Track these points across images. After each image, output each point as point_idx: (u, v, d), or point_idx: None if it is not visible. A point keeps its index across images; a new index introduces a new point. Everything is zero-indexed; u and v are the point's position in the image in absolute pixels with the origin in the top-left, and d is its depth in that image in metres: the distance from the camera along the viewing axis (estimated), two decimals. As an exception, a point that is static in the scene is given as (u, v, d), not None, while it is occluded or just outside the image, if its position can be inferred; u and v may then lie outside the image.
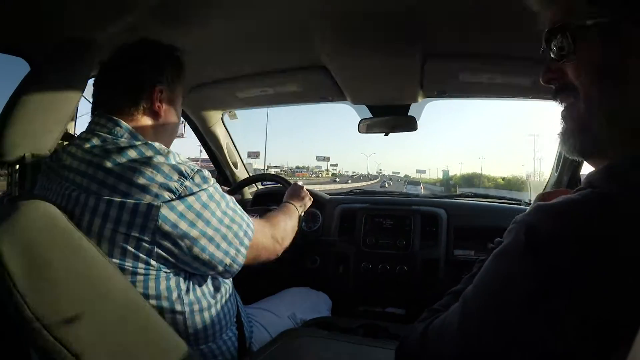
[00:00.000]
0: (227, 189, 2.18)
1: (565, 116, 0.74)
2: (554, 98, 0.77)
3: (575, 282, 0.53)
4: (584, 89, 0.69)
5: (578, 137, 0.71)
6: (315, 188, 2.93)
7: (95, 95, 1.20)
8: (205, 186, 1.04)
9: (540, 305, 0.56)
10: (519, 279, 0.59)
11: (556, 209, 0.60)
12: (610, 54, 0.65)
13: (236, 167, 2.89)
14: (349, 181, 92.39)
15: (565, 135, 0.74)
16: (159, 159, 1.00)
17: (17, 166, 1.05)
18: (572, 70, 0.71)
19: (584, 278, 0.53)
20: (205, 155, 2.91)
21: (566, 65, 0.71)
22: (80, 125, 1.73)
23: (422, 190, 49.03)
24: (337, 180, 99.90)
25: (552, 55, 0.72)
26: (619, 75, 0.64)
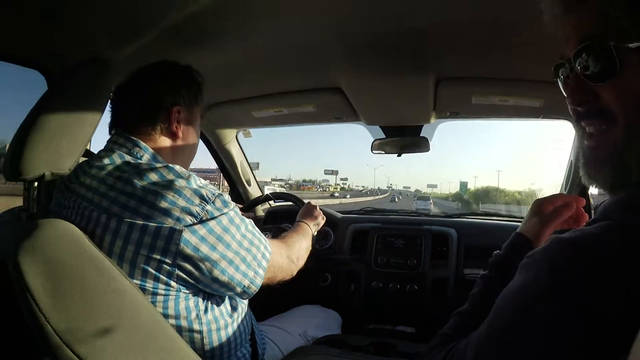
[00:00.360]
0: (240, 206, 2.20)
1: (594, 145, 0.67)
2: (578, 121, 0.69)
3: (603, 319, 0.51)
4: (625, 117, 0.61)
5: (610, 168, 0.64)
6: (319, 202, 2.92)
7: (113, 114, 1.22)
8: (226, 210, 1.06)
9: (565, 349, 0.53)
10: (541, 321, 0.56)
11: (577, 244, 0.57)
12: None
13: (249, 184, 2.91)
14: (348, 196, 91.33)
15: (594, 165, 0.67)
16: (180, 182, 1.02)
17: (36, 184, 1.06)
18: (611, 94, 0.62)
19: (613, 310, 0.51)
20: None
21: (604, 88, 0.62)
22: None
23: (432, 205, 48.94)
24: (336, 195, 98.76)
25: (586, 73, 0.63)
26: None
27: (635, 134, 0.60)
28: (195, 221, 0.99)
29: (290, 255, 1.32)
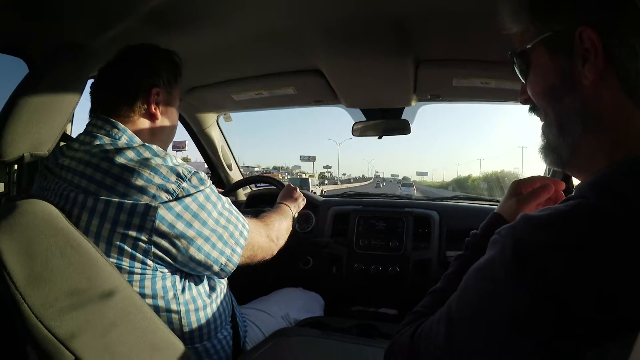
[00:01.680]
0: (221, 190, 2.19)
1: (542, 133, 0.76)
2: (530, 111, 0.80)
3: (566, 298, 0.53)
4: (544, 108, 0.73)
5: (555, 152, 0.72)
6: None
7: (92, 97, 1.21)
8: (202, 187, 1.06)
9: (526, 324, 0.55)
10: (505, 294, 0.58)
11: (544, 221, 0.59)
12: (562, 66, 0.67)
13: (230, 169, 2.90)
14: (326, 182, 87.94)
15: (544, 151, 0.75)
16: (156, 160, 1.02)
17: (15, 166, 1.06)
18: (530, 89, 0.74)
19: (574, 293, 0.53)
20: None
21: (528, 85, 0.75)
22: (77, 126, 1.74)
23: (415, 191, 49.39)
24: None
25: (517, 71, 0.76)
26: (575, 85, 0.65)
27: (554, 120, 0.70)
28: (171, 198, 0.99)
29: (269, 234, 1.32)
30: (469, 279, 0.66)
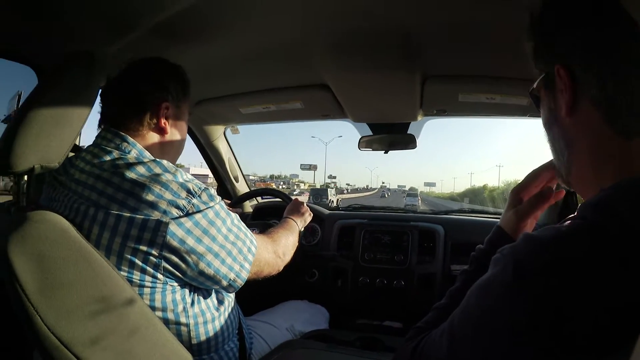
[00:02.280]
0: (228, 202, 2.20)
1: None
2: None
3: (563, 314, 0.54)
4: (547, 136, 0.80)
5: (558, 172, 0.81)
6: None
7: (102, 110, 1.22)
8: (211, 204, 1.07)
9: (527, 339, 0.56)
10: (506, 313, 0.59)
11: (543, 241, 0.60)
12: (549, 101, 0.76)
13: (237, 180, 2.91)
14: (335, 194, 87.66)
15: (555, 171, 0.83)
16: (167, 176, 1.03)
17: (26, 177, 1.07)
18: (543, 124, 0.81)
19: (574, 307, 0.54)
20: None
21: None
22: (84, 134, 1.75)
23: (420, 201, 49.17)
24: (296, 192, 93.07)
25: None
26: (557, 116, 0.74)
27: (560, 155, 0.76)
28: (182, 214, 1.00)
29: (276, 250, 1.33)
30: (471, 296, 0.67)
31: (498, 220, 0.99)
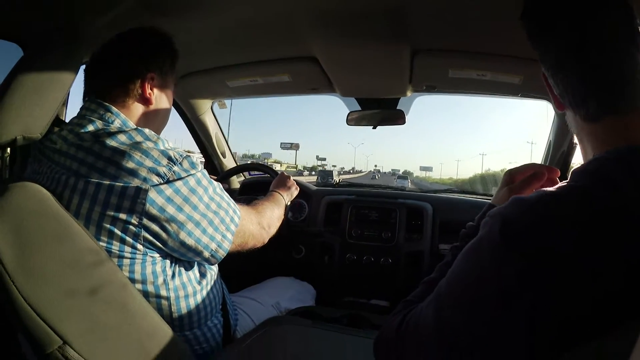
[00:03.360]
0: (215, 177, 2.18)
1: None
2: None
3: (548, 274, 0.55)
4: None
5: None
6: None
7: (86, 81, 1.21)
8: (193, 172, 1.05)
9: (513, 301, 0.57)
10: (492, 273, 0.60)
11: (531, 201, 0.62)
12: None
13: (224, 156, 2.89)
14: (305, 173, 77.20)
15: None
16: (148, 144, 1.01)
17: (8, 150, 1.05)
18: None
19: (557, 269, 0.55)
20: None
21: None
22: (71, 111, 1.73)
23: (409, 183, 49.67)
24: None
25: None
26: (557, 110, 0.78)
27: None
28: (162, 181, 0.99)
29: (261, 221, 1.32)
30: (458, 261, 0.69)
31: (488, 200, 1.01)
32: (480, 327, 0.60)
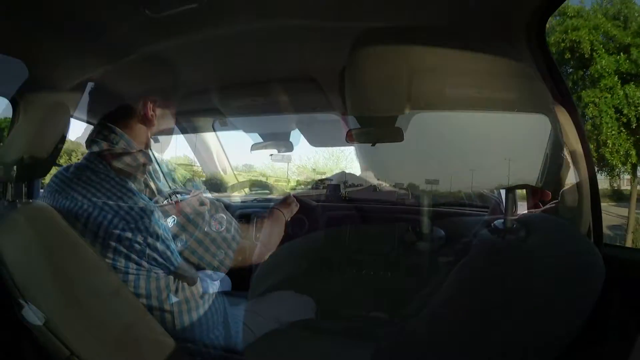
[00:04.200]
0: (216, 195, 2.21)
1: None
2: None
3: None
4: None
5: None
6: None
7: (91, 102, 1.25)
8: (196, 193, 1.08)
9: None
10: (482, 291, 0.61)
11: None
12: None
13: (225, 172, 2.90)
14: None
15: None
16: (153, 166, 1.05)
17: (15, 168, 1.07)
18: None
19: None
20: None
21: None
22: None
23: (411, 197, 49.21)
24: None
25: None
26: None
27: None
28: (166, 202, 1.01)
29: (262, 239, 1.34)
30: (452, 278, 0.69)
31: (485, 212, 1.01)
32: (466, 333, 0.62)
